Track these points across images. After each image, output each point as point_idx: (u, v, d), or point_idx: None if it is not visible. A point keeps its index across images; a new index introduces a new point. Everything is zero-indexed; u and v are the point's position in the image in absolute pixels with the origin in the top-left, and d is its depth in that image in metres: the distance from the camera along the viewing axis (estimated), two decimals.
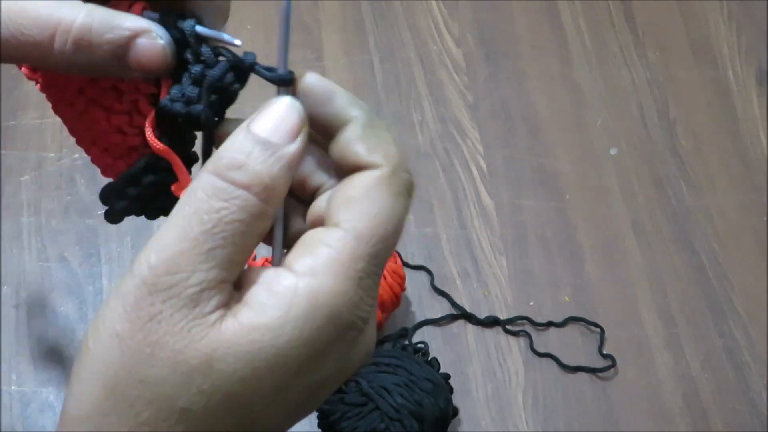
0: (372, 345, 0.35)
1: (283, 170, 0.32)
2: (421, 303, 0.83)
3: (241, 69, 0.36)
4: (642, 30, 1.00)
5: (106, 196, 0.40)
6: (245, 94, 0.38)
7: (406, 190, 0.34)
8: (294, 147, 0.33)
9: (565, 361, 0.81)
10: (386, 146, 0.35)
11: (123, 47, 0.34)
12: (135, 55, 0.34)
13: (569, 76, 0.97)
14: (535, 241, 0.87)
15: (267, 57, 0.37)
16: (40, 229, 0.84)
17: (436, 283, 0.84)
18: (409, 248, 0.86)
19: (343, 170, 0.35)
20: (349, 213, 0.33)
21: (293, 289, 0.31)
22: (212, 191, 0.31)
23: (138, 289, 0.31)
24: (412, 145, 0.91)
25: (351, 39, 0.97)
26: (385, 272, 0.78)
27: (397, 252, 0.82)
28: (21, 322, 0.79)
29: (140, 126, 0.38)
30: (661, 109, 0.96)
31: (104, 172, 0.41)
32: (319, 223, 0.35)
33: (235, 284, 0.32)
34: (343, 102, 0.35)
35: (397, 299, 0.79)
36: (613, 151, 0.93)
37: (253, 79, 0.37)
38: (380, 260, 0.33)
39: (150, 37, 0.34)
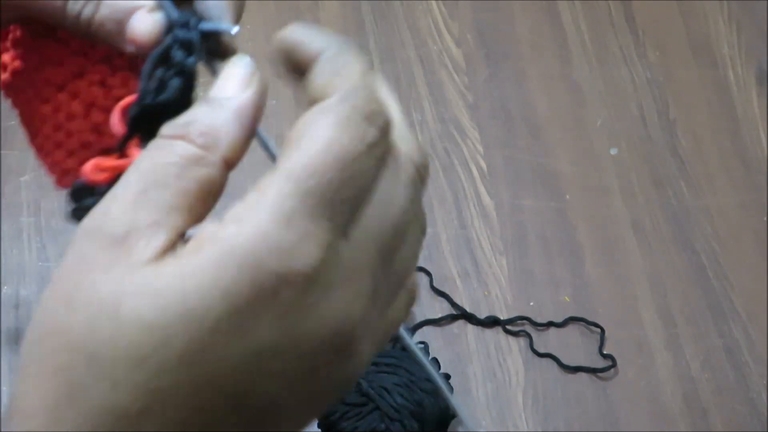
0: (345, 321, 0.29)
1: (228, 119, 0.31)
2: (421, 303, 0.83)
3: (187, 40, 0.34)
4: (642, 30, 1.00)
5: (76, 191, 0.37)
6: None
7: (358, 115, 0.29)
8: (240, 96, 0.31)
9: (565, 361, 0.81)
10: (343, 73, 0.31)
11: (127, 12, 0.34)
12: (134, 25, 0.34)
13: (569, 76, 0.97)
14: (535, 241, 0.87)
15: (267, 57, 0.37)
16: (40, 229, 0.84)
17: (436, 283, 0.84)
18: None
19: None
20: (284, 153, 0.29)
21: (212, 234, 0.28)
22: (150, 146, 0.31)
23: (76, 234, 0.30)
24: None
25: (351, 39, 0.97)
26: None
27: None
28: (21, 322, 0.79)
29: None
30: (661, 109, 0.96)
31: (61, 180, 0.39)
32: None
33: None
34: (310, 41, 0.33)
35: None
36: (613, 151, 0.93)
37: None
38: (321, 198, 0.28)
39: (152, 12, 0.34)
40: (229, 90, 0.32)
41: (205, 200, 0.30)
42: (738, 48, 1.00)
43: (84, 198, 0.36)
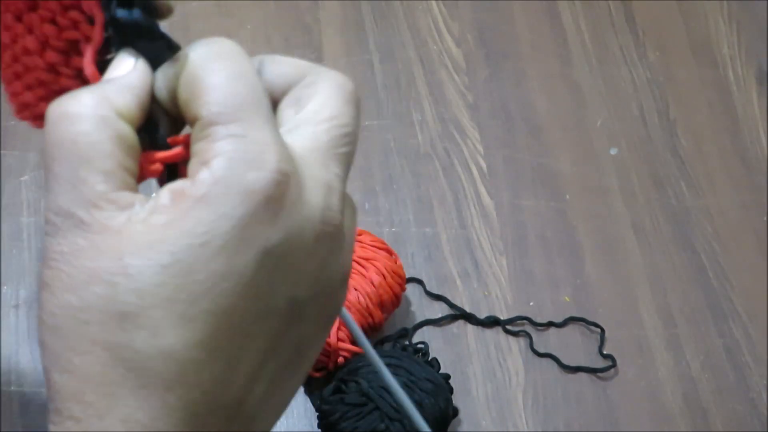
0: (329, 208, 0.33)
1: (117, 88, 0.33)
2: (421, 303, 0.83)
3: None
4: (642, 30, 1.00)
5: None
6: None
7: (224, 49, 0.33)
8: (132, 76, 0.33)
9: (565, 361, 0.81)
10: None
11: None
12: None
13: (569, 76, 0.97)
14: (535, 241, 0.87)
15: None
16: (40, 229, 0.84)
17: (436, 283, 0.84)
18: (409, 248, 0.86)
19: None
20: (194, 103, 0.32)
21: (189, 181, 0.31)
22: (52, 124, 0.32)
23: (47, 240, 0.31)
24: (412, 145, 0.91)
25: (351, 39, 0.97)
26: (385, 272, 0.78)
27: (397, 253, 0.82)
28: (21, 322, 0.79)
29: (77, 68, 0.37)
30: (661, 109, 0.96)
31: (20, 112, 0.39)
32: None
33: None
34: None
35: (397, 299, 0.79)
36: (613, 151, 0.93)
37: None
38: (253, 112, 0.32)
39: None
40: (119, 71, 0.34)
41: (129, 149, 0.32)
42: (738, 48, 1.00)
43: None
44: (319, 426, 0.75)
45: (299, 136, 0.33)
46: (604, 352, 0.82)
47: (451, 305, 0.83)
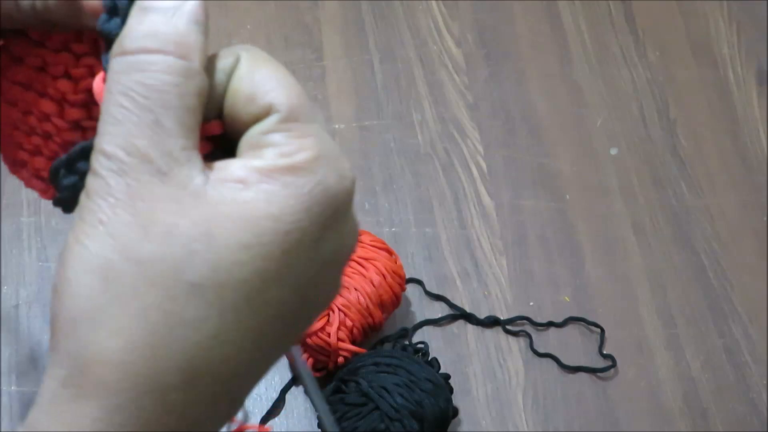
0: (356, 224, 0.34)
1: (190, 24, 0.31)
2: (421, 303, 0.83)
3: None
4: (642, 30, 1.00)
5: (55, 172, 0.35)
6: None
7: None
8: (189, 3, 0.31)
9: (565, 361, 0.81)
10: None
11: None
12: None
13: (569, 76, 0.97)
14: (535, 241, 0.87)
15: None
16: (40, 229, 0.84)
17: (436, 283, 0.84)
18: (409, 248, 0.86)
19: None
20: (260, 99, 0.31)
21: (272, 166, 0.30)
22: (127, 66, 0.30)
23: (108, 177, 0.29)
24: (412, 145, 0.91)
25: (351, 39, 0.97)
26: (385, 272, 0.78)
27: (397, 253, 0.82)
28: (21, 322, 0.79)
29: (97, 117, 0.33)
30: (661, 109, 0.96)
31: (48, 192, 0.36)
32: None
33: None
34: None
35: (397, 299, 0.79)
36: (613, 151, 0.93)
37: None
38: (313, 111, 0.32)
39: None
40: None
41: (203, 108, 0.31)
42: (738, 48, 1.00)
43: (64, 176, 0.34)
44: (319, 426, 0.75)
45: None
46: (604, 352, 0.82)
47: (451, 305, 0.83)
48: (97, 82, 0.32)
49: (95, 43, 0.34)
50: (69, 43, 0.34)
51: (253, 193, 0.30)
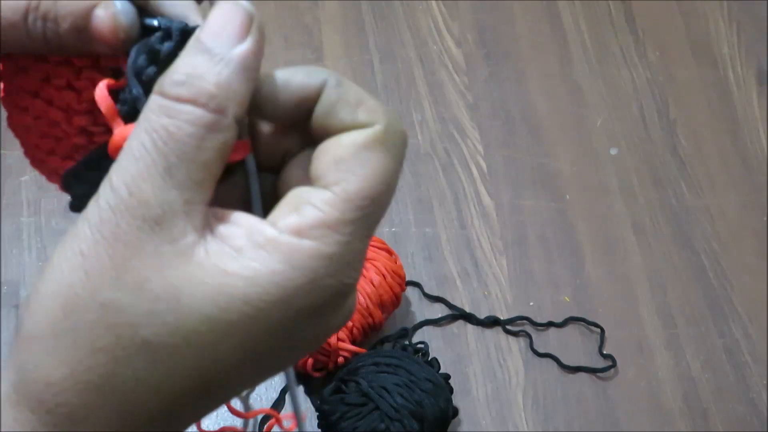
0: (352, 309, 0.33)
1: (234, 74, 0.30)
2: (421, 303, 0.83)
3: (167, 29, 0.33)
4: (642, 30, 1.00)
5: (68, 181, 0.37)
6: None
7: (400, 145, 0.32)
8: (243, 47, 0.30)
9: (565, 361, 0.81)
10: (368, 102, 0.32)
11: (84, 18, 0.32)
12: (95, 25, 0.32)
13: (569, 76, 0.97)
14: (535, 241, 0.87)
15: (267, 57, 0.37)
16: (40, 229, 0.84)
17: (436, 283, 0.84)
18: (409, 248, 0.86)
19: (321, 137, 0.33)
20: (339, 173, 0.31)
21: (274, 242, 0.30)
22: (159, 109, 0.30)
23: (102, 211, 0.29)
24: (412, 145, 0.91)
25: (351, 39, 0.97)
26: (385, 272, 0.78)
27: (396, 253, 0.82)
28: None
29: (105, 124, 0.35)
30: (661, 109, 0.96)
31: (50, 177, 0.38)
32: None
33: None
34: (302, 75, 0.32)
35: (397, 299, 0.79)
36: (613, 151, 0.93)
37: None
38: (371, 222, 0.31)
39: (106, 6, 0.32)
40: (225, 37, 0.30)
41: (223, 164, 0.31)
42: (738, 48, 1.00)
43: (77, 184, 0.36)
44: (319, 426, 0.75)
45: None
46: (604, 352, 0.82)
47: (451, 306, 0.83)
48: (99, 89, 0.33)
49: (95, 58, 0.35)
50: (69, 57, 0.35)
51: (239, 268, 0.29)
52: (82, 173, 0.36)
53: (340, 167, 0.31)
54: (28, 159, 0.39)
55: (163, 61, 0.33)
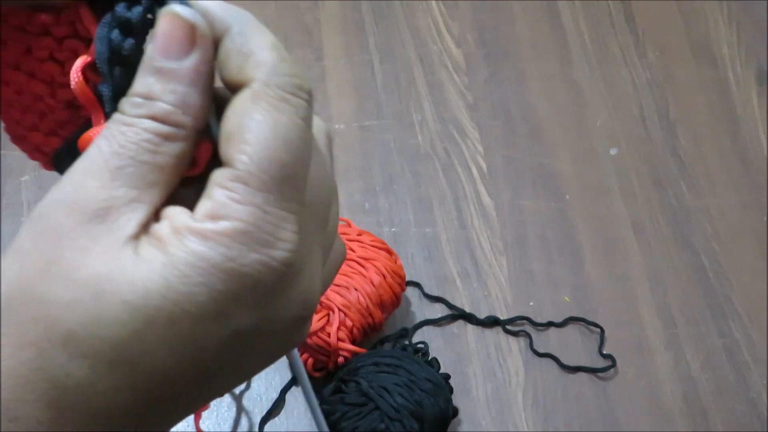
0: (310, 294, 0.32)
1: (188, 89, 0.30)
2: (421, 303, 0.83)
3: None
4: (642, 30, 1.00)
5: (56, 160, 0.37)
6: None
7: (288, 92, 0.30)
8: (191, 61, 0.30)
9: (565, 361, 0.81)
10: (258, 53, 0.30)
11: None
12: None
13: (569, 76, 0.97)
14: (535, 241, 0.87)
15: None
16: None
17: (436, 283, 0.84)
18: (409, 248, 0.86)
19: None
20: (233, 146, 0.30)
21: (190, 228, 0.29)
22: (118, 121, 0.30)
23: (42, 206, 0.30)
24: (412, 145, 0.91)
25: (351, 39, 0.97)
26: (385, 272, 0.78)
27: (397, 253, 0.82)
28: None
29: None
30: (661, 109, 0.96)
31: (48, 164, 0.38)
32: None
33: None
34: (216, 16, 0.31)
35: (397, 299, 0.79)
36: (613, 151, 0.93)
37: None
38: (287, 184, 0.30)
39: None
40: (173, 52, 0.30)
41: (179, 171, 0.31)
42: (738, 48, 1.00)
43: (68, 161, 0.34)
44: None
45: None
46: (604, 352, 0.82)
47: (451, 306, 0.83)
48: (77, 79, 0.33)
49: (74, 26, 0.34)
50: (49, 27, 0.34)
51: (157, 255, 0.29)
52: (72, 150, 0.35)
53: (232, 139, 0.30)
54: (9, 135, 0.38)
55: (137, 29, 0.32)
